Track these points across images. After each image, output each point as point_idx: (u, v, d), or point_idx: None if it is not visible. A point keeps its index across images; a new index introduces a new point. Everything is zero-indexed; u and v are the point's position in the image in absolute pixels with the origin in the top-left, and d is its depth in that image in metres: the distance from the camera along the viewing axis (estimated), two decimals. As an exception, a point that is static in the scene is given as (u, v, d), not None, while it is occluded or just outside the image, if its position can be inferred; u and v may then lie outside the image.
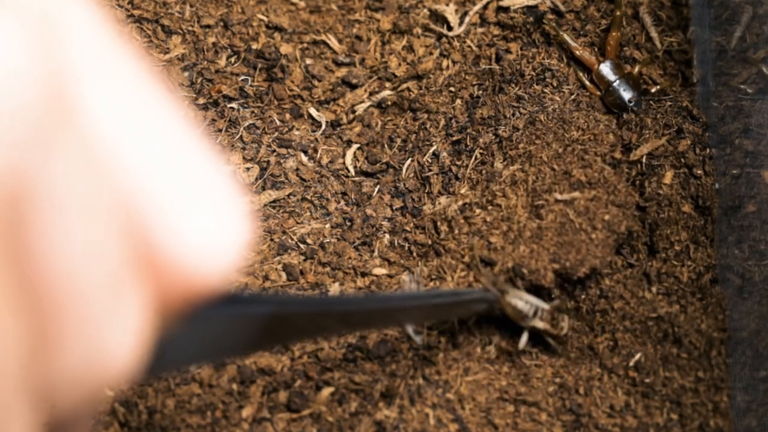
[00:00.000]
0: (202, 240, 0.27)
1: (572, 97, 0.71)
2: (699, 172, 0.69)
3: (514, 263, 0.64)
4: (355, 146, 0.72)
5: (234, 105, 0.72)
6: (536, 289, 0.65)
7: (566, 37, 0.72)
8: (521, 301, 0.64)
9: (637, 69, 0.72)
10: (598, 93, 0.72)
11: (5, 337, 0.23)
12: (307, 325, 0.41)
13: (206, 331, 0.32)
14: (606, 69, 0.72)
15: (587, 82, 0.72)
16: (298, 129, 0.72)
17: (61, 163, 0.24)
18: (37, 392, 0.25)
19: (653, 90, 0.72)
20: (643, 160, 0.69)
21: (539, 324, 0.64)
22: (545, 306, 0.64)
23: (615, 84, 0.71)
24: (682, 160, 0.69)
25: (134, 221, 0.26)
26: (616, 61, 0.72)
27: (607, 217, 0.65)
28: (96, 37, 0.25)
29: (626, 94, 0.71)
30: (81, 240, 0.24)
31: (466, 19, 0.73)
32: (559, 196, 0.66)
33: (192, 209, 0.27)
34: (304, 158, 0.72)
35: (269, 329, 0.36)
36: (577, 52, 0.72)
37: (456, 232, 0.67)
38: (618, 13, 0.72)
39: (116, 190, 0.26)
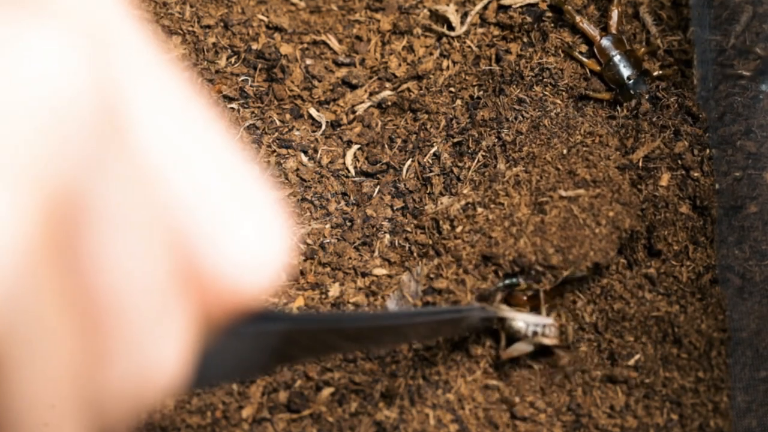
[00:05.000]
0: (245, 256, 0.27)
1: (571, 96, 0.71)
2: (696, 173, 0.69)
3: (515, 255, 0.64)
4: (355, 146, 0.72)
5: (234, 105, 0.72)
6: (530, 273, 0.65)
7: (570, 8, 0.72)
8: (519, 321, 0.64)
9: (642, 50, 0.72)
10: (598, 68, 0.72)
11: (60, 350, 0.24)
12: (320, 341, 0.41)
13: (237, 347, 0.32)
14: (607, 43, 0.72)
15: (585, 60, 0.72)
16: (298, 129, 0.72)
17: (111, 181, 0.24)
18: (88, 406, 0.25)
19: (655, 73, 0.72)
20: (640, 164, 0.69)
21: (545, 341, 0.64)
22: (548, 321, 0.64)
23: (615, 58, 0.71)
24: (679, 161, 0.69)
25: (179, 237, 0.26)
26: (618, 36, 0.72)
27: (611, 214, 0.65)
28: (142, 54, 0.26)
29: (625, 71, 0.71)
30: (129, 255, 0.25)
31: (468, 19, 0.73)
32: (563, 193, 0.66)
33: (235, 226, 0.27)
34: (304, 158, 0.72)
35: (285, 346, 0.36)
36: (581, 24, 0.72)
37: (458, 230, 0.67)
38: None
39: (163, 207, 0.26)
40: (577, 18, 0.72)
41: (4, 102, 0.22)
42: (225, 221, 0.27)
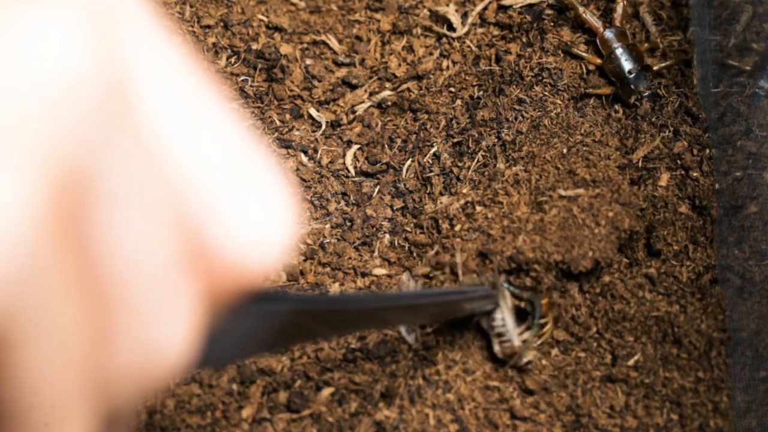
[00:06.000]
0: (252, 236, 0.27)
1: (571, 97, 0.71)
2: (696, 173, 0.69)
3: (513, 251, 0.64)
4: (355, 146, 0.72)
5: (234, 105, 0.72)
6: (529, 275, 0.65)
7: (574, 0, 0.72)
8: (500, 323, 0.64)
9: (645, 46, 0.72)
10: (599, 61, 0.71)
11: (68, 328, 0.24)
12: (326, 322, 0.42)
13: (244, 327, 0.32)
14: (610, 35, 0.71)
15: (585, 55, 0.71)
16: (298, 129, 0.72)
17: (119, 161, 0.24)
18: (95, 385, 0.25)
19: (656, 67, 0.71)
20: (640, 164, 0.69)
21: (528, 356, 0.64)
22: (526, 336, 0.64)
23: (617, 51, 0.71)
24: (679, 161, 0.69)
25: (187, 216, 0.27)
26: (621, 28, 0.72)
27: (610, 214, 0.65)
28: (149, 36, 0.26)
29: (627, 64, 0.71)
30: (136, 235, 0.25)
31: (468, 19, 0.73)
32: (563, 192, 0.66)
33: (243, 206, 0.27)
34: (304, 158, 0.72)
35: (291, 327, 0.36)
36: (585, 15, 0.72)
37: (458, 229, 0.67)
38: None
39: (170, 187, 0.26)
40: (581, 9, 0.72)
41: (10, 83, 0.22)
42: (232, 200, 0.27)
